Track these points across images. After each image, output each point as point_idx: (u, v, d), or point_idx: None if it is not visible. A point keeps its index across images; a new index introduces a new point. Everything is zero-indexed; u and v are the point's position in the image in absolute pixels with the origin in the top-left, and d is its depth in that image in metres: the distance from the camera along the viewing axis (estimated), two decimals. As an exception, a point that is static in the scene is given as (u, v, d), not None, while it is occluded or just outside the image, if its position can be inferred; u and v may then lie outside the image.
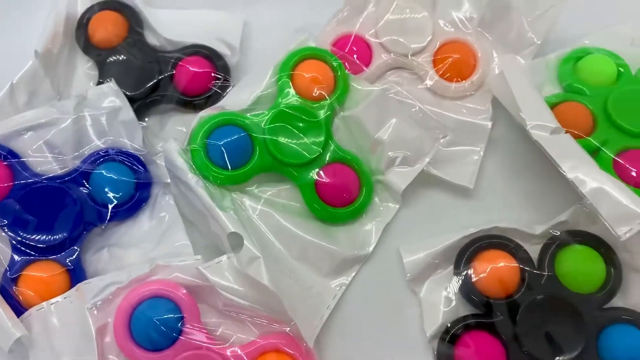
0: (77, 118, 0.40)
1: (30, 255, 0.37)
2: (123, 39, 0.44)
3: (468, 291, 0.37)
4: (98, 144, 0.40)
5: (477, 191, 0.41)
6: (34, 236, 0.38)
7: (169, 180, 0.40)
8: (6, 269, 0.37)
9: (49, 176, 0.39)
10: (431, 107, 0.42)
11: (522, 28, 0.44)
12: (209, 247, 0.39)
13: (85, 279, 0.37)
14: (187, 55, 0.44)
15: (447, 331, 0.36)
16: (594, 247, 0.37)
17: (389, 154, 0.40)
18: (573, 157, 0.36)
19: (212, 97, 0.43)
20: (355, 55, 0.44)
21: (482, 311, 0.36)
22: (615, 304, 0.36)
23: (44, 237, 0.38)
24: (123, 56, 0.43)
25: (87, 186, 0.39)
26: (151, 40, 0.45)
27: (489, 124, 0.42)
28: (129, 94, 0.42)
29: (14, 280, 0.37)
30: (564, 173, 0.36)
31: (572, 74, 0.42)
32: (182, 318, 0.35)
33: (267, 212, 0.39)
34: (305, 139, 0.40)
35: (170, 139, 0.39)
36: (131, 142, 0.40)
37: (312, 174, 0.39)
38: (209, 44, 0.44)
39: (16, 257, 0.37)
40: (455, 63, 0.43)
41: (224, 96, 0.42)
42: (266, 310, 0.35)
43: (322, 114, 0.40)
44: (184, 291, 0.35)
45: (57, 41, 0.44)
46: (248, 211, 0.39)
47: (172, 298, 0.35)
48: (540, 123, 0.38)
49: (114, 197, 0.39)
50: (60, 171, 0.39)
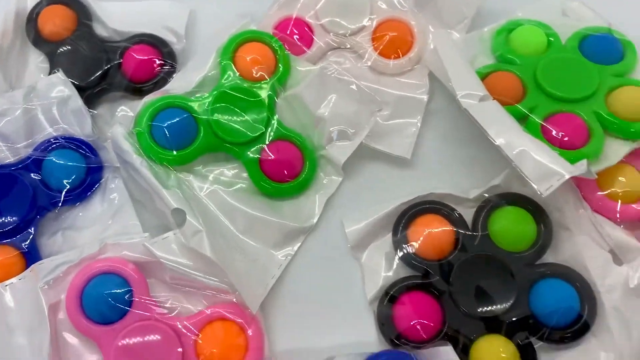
0: (28, 108, 0.41)
1: (-15, 240, 0.39)
2: (72, 32, 0.46)
3: (405, 255, 0.39)
4: (49, 132, 0.42)
5: (416, 161, 0.43)
6: (-12, 221, 0.39)
7: (119, 164, 0.42)
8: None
9: (1, 164, 0.40)
10: (371, 84, 0.44)
11: (455, 4, 0.45)
12: (158, 227, 0.40)
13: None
14: (134, 43, 0.45)
15: (386, 293, 0.38)
16: (525, 208, 0.39)
17: (330, 130, 0.42)
18: (499, 123, 0.38)
19: (159, 83, 0.44)
20: (296, 36, 0.45)
21: (420, 273, 0.38)
22: (546, 260, 0.38)
23: (-2, 222, 0.40)
24: (72, 48, 0.45)
25: (40, 173, 0.41)
26: (99, 31, 0.46)
27: (425, 97, 0.43)
28: (79, 84, 0.43)
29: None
30: (491, 139, 0.38)
31: (504, 45, 0.44)
32: (131, 292, 0.37)
33: (214, 190, 0.41)
34: (248, 118, 0.41)
35: (116, 124, 0.41)
36: (81, 129, 0.42)
37: (256, 152, 0.41)
38: (156, 33, 0.46)
39: (-29, 243, 0.39)
40: (392, 41, 0.45)
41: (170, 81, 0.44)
42: (212, 281, 0.37)
43: (264, 94, 0.42)
44: (132, 266, 0.37)
45: (8, 36, 0.45)
46: (195, 190, 0.40)
47: (121, 273, 0.37)
48: (469, 92, 0.39)
49: (66, 183, 0.41)
50: (12, 159, 0.41)
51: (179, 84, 0.42)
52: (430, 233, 0.38)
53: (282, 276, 0.39)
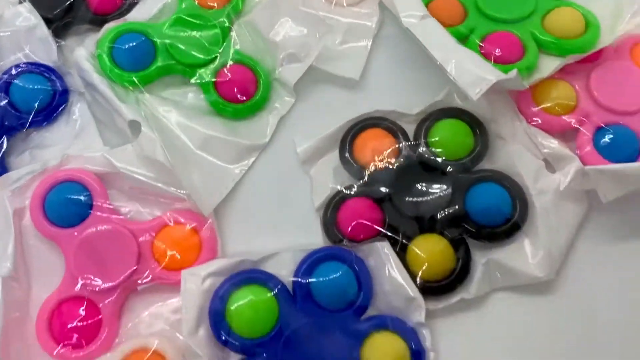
0: (-5, 35, 0.44)
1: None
2: (39, -33, 0.48)
3: (351, 165, 0.41)
4: (17, 57, 0.44)
5: (365, 83, 0.45)
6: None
7: (83, 90, 0.44)
8: None
9: (-31, 88, 0.43)
10: (324, 12, 0.46)
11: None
12: (119, 145, 0.41)
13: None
14: (98, -23, 0.48)
15: (331, 200, 0.40)
16: (463, 120, 0.41)
17: (282, 53, 0.44)
18: (437, 39, 0.41)
19: (122, 15, 0.46)
20: (252, -31, 0.48)
21: (364, 181, 0.41)
22: (482, 167, 0.41)
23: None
24: (39, -18, 0.48)
25: (8, 96, 0.43)
26: (65, -33, 0.49)
27: (374, 24, 0.46)
28: (45, 15, 0.45)
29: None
30: (429, 54, 0.40)
31: (447, -26, 0.46)
32: (90, 197, 0.39)
33: (171, 110, 0.43)
34: (203, 42, 0.44)
35: (79, 47, 0.43)
36: (47, 56, 0.44)
37: (212, 75, 0.43)
38: (118, -33, 0.48)
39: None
40: (345, -28, 0.47)
41: (133, 11, 0.47)
42: (169, 189, 0.40)
43: (219, 20, 0.44)
44: (92, 175, 0.40)
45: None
46: (153, 109, 0.43)
47: (81, 181, 0.40)
48: (411, 13, 0.42)
49: (33, 105, 0.43)
50: (-20, 83, 0.44)
51: (140, 13, 0.45)
52: (373, 144, 0.41)
53: (236, 188, 0.42)
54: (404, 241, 0.38)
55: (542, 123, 0.41)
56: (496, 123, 0.41)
